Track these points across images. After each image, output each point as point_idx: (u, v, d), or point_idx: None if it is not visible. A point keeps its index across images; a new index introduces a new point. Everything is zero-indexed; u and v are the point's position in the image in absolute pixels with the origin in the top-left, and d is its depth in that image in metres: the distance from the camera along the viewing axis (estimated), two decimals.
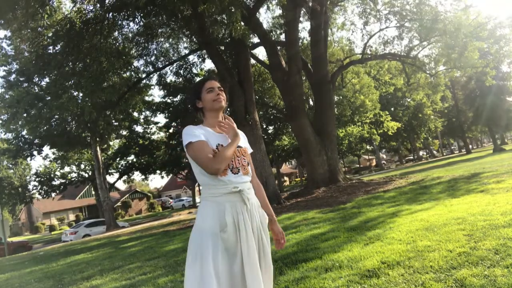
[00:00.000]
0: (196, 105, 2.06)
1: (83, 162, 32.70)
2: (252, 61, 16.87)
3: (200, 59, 18.97)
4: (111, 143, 29.40)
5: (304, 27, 30.81)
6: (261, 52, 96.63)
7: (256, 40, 16.36)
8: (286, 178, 60.88)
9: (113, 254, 8.16)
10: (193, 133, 1.89)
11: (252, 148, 2.27)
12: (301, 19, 16.56)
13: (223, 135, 1.98)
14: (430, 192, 8.60)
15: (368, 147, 47.88)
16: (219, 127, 1.98)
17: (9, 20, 10.73)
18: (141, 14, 12.03)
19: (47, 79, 16.70)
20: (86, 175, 33.07)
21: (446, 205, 6.29)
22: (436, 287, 2.72)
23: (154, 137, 30.86)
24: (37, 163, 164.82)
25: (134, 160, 32.46)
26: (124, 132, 28.19)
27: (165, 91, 24.62)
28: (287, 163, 59.13)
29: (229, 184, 1.86)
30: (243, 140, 2.07)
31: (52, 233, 37.78)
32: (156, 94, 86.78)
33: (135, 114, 26.03)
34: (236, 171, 1.90)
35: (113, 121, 23.68)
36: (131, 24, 13.51)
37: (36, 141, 23.93)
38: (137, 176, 62.76)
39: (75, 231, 22.89)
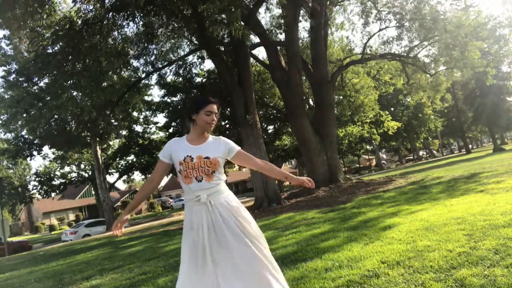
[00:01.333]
0: (190, 116, 2.36)
1: (83, 162, 32.71)
2: (252, 61, 16.84)
3: (200, 59, 18.94)
4: (111, 143, 29.39)
5: (304, 27, 30.73)
6: (261, 52, 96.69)
7: (256, 40, 16.35)
8: None
9: (113, 254, 8.15)
10: (164, 150, 2.39)
11: (252, 148, 2.62)
12: (301, 19, 16.55)
13: (195, 147, 2.31)
14: (430, 192, 8.60)
15: (368, 147, 47.86)
16: None
17: (8, 19, 10.71)
18: (141, 14, 11.98)
19: (46, 79, 16.66)
20: (86, 175, 33.06)
21: (446, 205, 6.29)
22: (436, 287, 2.72)
23: (154, 137, 30.86)
24: (37, 163, 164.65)
25: (134, 160, 32.45)
26: (124, 132, 28.13)
27: (165, 90, 24.57)
28: (287, 163, 59.08)
29: (194, 190, 2.27)
30: (214, 151, 2.32)
31: (52, 233, 37.76)
32: (155, 94, 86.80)
33: (135, 114, 25.99)
34: (200, 179, 2.27)
35: (113, 121, 23.66)
36: (131, 24, 13.49)
37: (36, 141, 23.91)
38: (137, 176, 62.63)
39: (75, 231, 22.86)
